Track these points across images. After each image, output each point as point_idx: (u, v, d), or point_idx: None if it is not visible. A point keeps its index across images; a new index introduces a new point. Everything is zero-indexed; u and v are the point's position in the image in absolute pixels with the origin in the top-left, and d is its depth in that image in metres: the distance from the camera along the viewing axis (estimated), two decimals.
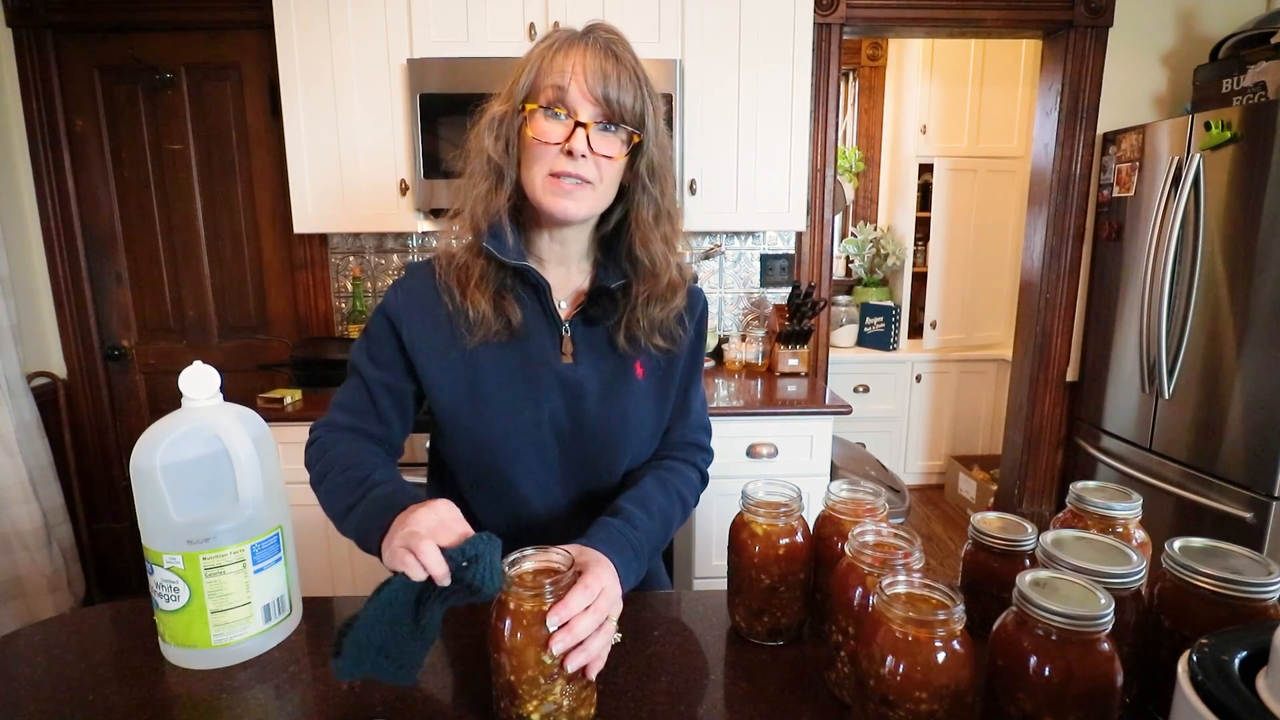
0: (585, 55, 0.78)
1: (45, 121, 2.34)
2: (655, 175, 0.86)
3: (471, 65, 2.01)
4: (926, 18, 2.39)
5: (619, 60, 0.79)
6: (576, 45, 0.79)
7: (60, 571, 2.28)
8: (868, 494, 0.79)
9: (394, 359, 0.89)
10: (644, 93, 0.81)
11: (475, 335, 0.86)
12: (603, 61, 0.78)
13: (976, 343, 3.71)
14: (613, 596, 0.68)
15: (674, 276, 0.90)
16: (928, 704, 0.54)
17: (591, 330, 0.91)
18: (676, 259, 0.90)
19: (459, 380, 0.88)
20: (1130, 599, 0.62)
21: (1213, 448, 2.04)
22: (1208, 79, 2.24)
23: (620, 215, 0.90)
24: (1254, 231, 1.89)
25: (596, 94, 0.78)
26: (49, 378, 2.44)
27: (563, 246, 0.90)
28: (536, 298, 0.89)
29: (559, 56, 0.79)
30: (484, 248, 0.84)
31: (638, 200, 0.87)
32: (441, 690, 0.71)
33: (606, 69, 0.78)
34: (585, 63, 0.78)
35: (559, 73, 0.78)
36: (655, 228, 0.87)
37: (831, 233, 2.54)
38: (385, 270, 2.54)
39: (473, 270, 0.85)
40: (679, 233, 0.91)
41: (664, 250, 0.88)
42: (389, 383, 0.89)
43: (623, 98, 0.79)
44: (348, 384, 0.92)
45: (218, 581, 0.74)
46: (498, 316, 0.86)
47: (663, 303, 0.89)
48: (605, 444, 0.91)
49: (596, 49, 0.79)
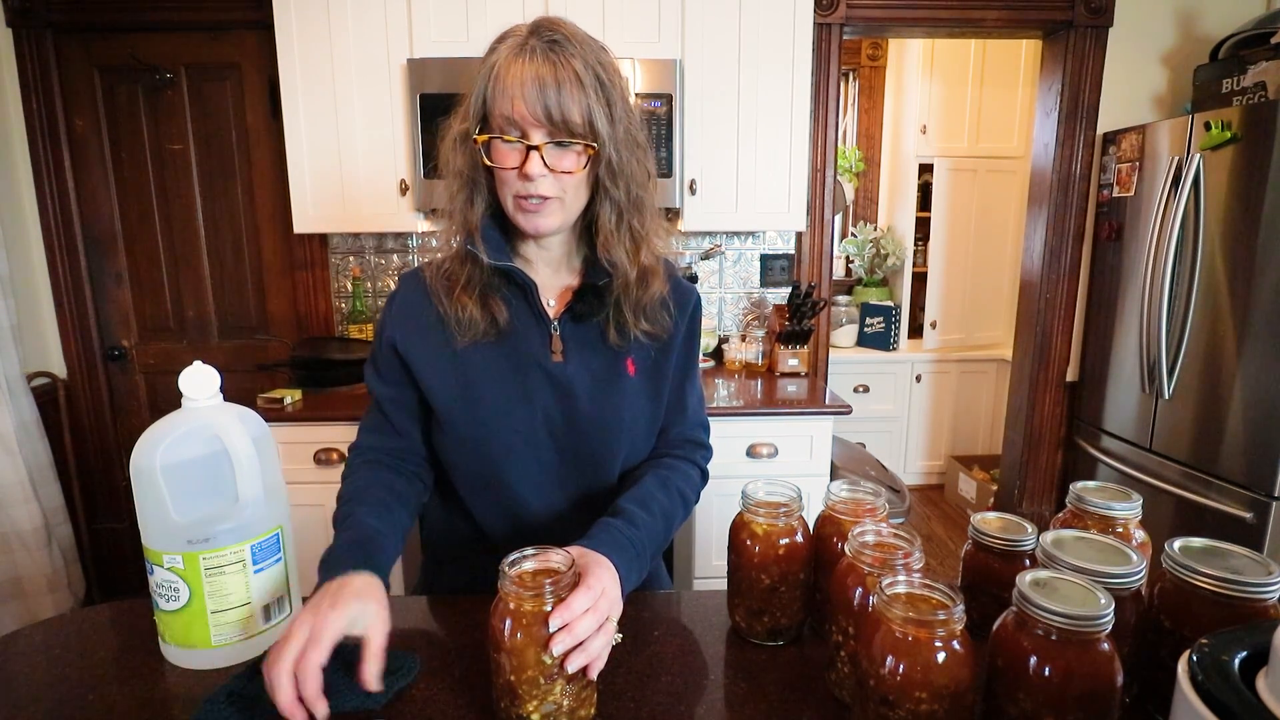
0: (525, 70, 0.76)
1: (45, 121, 2.34)
2: (617, 176, 0.83)
3: (471, 65, 1.95)
4: (926, 18, 2.39)
5: (559, 66, 0.76)
6: (518, 60, 0.77)
7: (60, 571, 2.28)
8: (868, 494, 0.79)
9: (398, 373, 0.91)
10: (590, 96, 0.78)
11: (465, 336, 0.87)
12: (542, 71, 0.76)
13: (976, 343, 3.71)
14: (613, 597, 0.68)
15: (645, 264, 0.89)
16: (928, 704, 0.54)
17: (580, 328, 0.91)
18: (648, 247, 0.89)
19: (452, 382, 0.89)
20: (1130, 599, 0.62)
21: (1213, 448, 2.04)
22: (1208, 79, 2.24)
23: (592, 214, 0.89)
24: (1254, 231, 1.89)
25: (539, 113, 0.76)
26: (49, 378, 2.44)
27: (548, 250, 0.92)
28: (524, 297, 0.89)
29: (504, 75, 0.77)
30: (468, 250, 0.85)
31: (598, 207, 0.86)
32: (441, 690, 0.71)
33: (546, 80, 0.76)
34: (525, 80, 0.76)
35: (504, 96, 0.77)
36: (616, 230, 0.86)
37: (831, 233, 2.54)
38: (385, 270, 2.54)
39: (459, 275, 0.87)
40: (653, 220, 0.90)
41: (629, 248, 0.87)
42: (397, 397, 0.92)
43: (567, 110, 0.77)
44: (368, 407, 0.96)
45: (218, 581, 0.74)
46: (485, 317, 0.87)
47: (643, 287, 0.89)
48: (599, 441, 0.91)
49: (537, 59, 0.76)
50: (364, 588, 0.69)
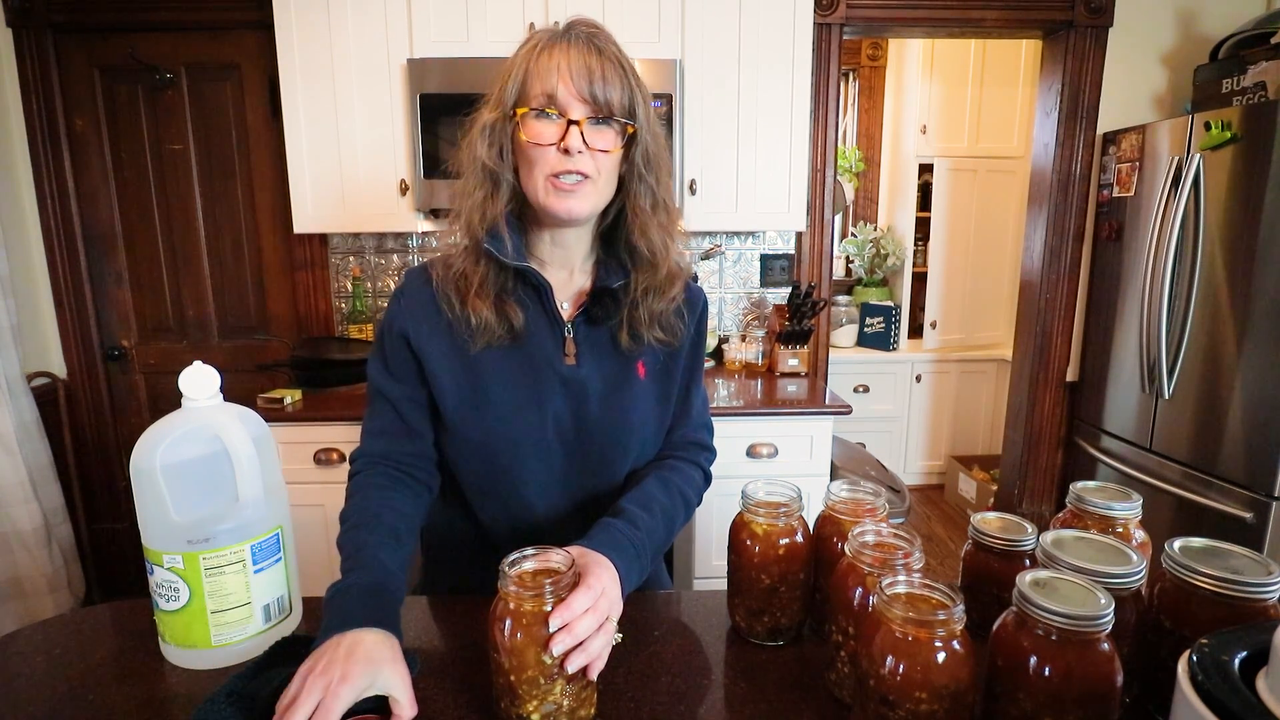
0: (569, 53, 0.78)
1: (45, 121, 2.34)
2: (651, 164, 0.86)
3: (471, 65, 2.01)
4: (926, 18, 2.39)
5: (602, 54, 0.79)
6: (559, 45, 0.79)
7: (60, 571, 2.28)
8: (868, 494, 0.79)
9: (411, 370, 0.89)
10: (631, 84, 0.81)
11: (478, 341, 0.86)
12: (587, 58, 0.78)
13: (976, 343, 3.71)
14: (613, 598, 0.68)
15: (673, 266, 0.90)
16: (928, 704, 0.54)
17: (594, 331, 0.91)
18: (674, 249, 0.91)
19: (463, 385, 0.87)
20: (1130, 599, 0.62)
21: (1213, 448, 2.04)
22: (1208, 79, 2.24)
23: (618, 207, 0.89)
24: (1254, 231, 1.89)
25: (584, 91, 0.78)
26: (49, 378, 2.44)
27: (564, 250, 0.90)
28: (538, 299, 0.88)
29: (543, 58, 0.79)
30: (484, 249, 0.84)
31: (635, 190, 0.87)
32: (441, 690, 0.71)
33: (591, 65, 0.78)
34: (570, 61, 0.78)
35: (545, 74, 0.78)
36: (653, 216, 0.88)
37: (831, 233, 2.54)
38: (385, 270, 2.54)
39: (472, 277, 0.85)
40: (676, 224, 0.92)
41: (663, 239, 0.89)
42: (412, 395, 0.89)
43: (610, 92, 0.79)
44: (372, 409, 0.91)
45: (218, 581, 0.74)
46: (500, 321, 0.86)
47: (661, 294, 0.90)
48: (608, 444, 0.91)
49: (579, 46, 0.79)
50: (375, 648, 0.64)
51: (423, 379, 0.89)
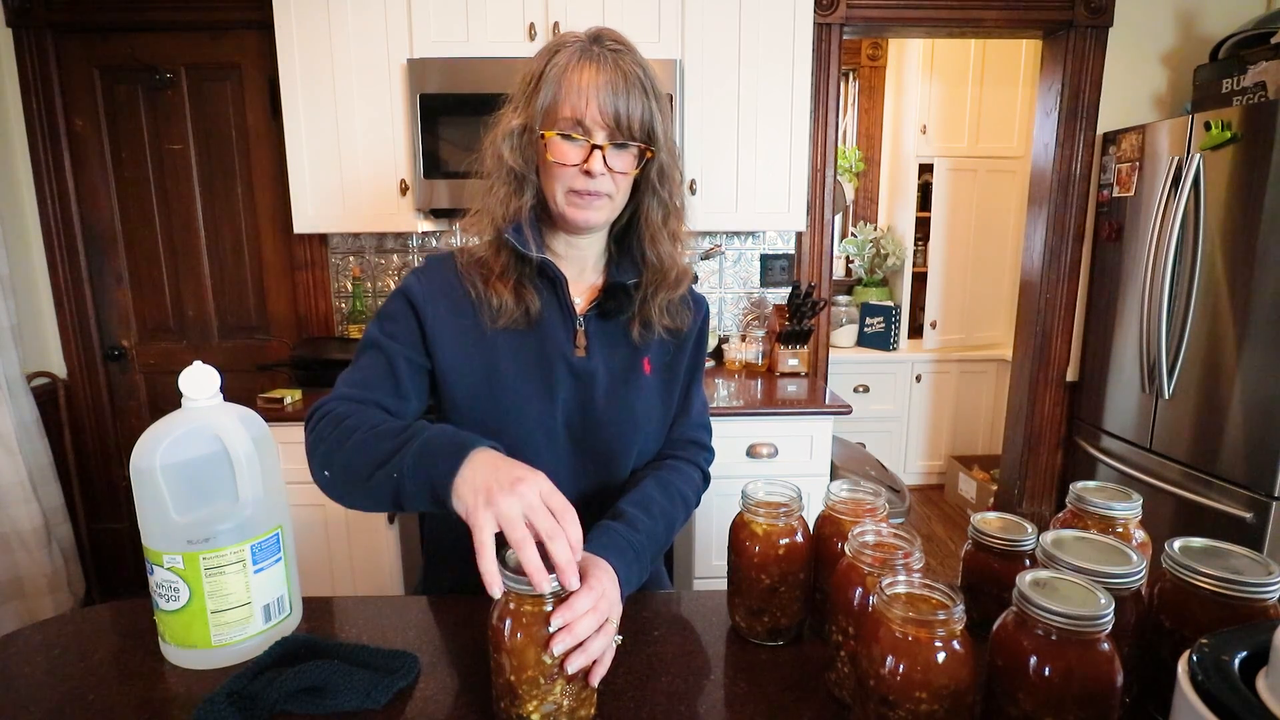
0: (598, 75, 0.81)
1: (45, 121, 2.34)
2: (664, 178, 0.90)
3: (471, 65, 2.01)
4: (926, 18, 2.39)
5: (627, 75, 0.82)
6: (589, 65, 0.82)
7: (60, 571, 2.28)
8: (868, 494, 0.79)
9: (414, 337, 0.89)
10: (652, 103, 0.85)
11: (499, 321, 0.89)
12: (614, 79, 0.82)
13: (976, 343, 3.71)
14: (612, 599, 0.68)
15: (681, 268, 0.95)
16: (928, 704, 0.54)
17: (604, 324, 0.94)
18: (683, 254, 0.96)
19: (478, 366, 0.89)
20: (1130, 599, 0.62)
21: (1213, 448, 2.04)
22: (1208, 79, 2.24)
23: (630, 213, 0.94)
24: (1254, 231, 1.89)
25: (609, 117, 0.82)
26: (49, 378, 2.44)
27: (579, 250, 0.94)
28: (553, 290, 0.92)
29: (574, 76, 0.82)
30: (506, 239, 0.87)
31: (647, 203, 0.91)
32: (441, 690, 0.71)
33: (617, 87, 0.82)
34: (599, 83, 0.81)
35: (575, 95, 0.81)
36: (664, 227, 0.93)
37: (831, 233, 2.54)
38: (385, 270, 2.54)
39: (494, 265, 0.89)
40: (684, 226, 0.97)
41: (671, 248, 0.93)
42: (410, 356, 0.88)
43: (633, 114, 0.83)
44: (360, 361, 0.88)
45: (218, 581, 0.74)
46: (518, 305, 0.89)
47: (670, 291, 0.95)
48: (613, 436, 0.93)
49: (607, 68, 0.82)
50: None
51: (425, 351, 0.90)
